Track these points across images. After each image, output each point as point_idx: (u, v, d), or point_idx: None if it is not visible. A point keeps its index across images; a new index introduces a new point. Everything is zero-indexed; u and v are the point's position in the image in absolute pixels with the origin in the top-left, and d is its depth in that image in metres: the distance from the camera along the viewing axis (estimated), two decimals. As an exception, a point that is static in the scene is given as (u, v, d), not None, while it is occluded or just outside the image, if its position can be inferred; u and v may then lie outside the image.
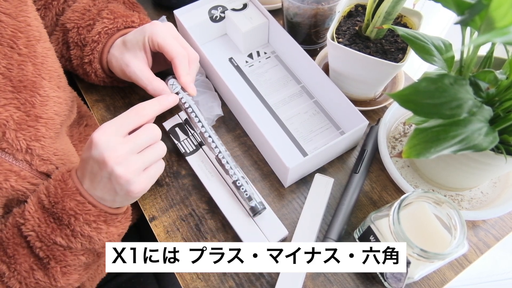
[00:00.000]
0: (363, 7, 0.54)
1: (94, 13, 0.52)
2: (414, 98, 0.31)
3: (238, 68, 0.61)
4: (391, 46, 0.50)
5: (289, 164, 0.45)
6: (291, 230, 0.48)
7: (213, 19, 0.61)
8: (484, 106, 0.33)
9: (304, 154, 0.53)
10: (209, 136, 0.48)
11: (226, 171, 0.47)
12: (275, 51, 0.63)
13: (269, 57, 0.62)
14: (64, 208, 0.38)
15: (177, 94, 0.49)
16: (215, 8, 0.61)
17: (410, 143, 0.32)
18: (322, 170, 0.52)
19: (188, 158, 0.51)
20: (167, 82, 0.50)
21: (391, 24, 0.46)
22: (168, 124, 0.54)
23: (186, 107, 0.49)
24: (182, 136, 0.52)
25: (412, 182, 0.50)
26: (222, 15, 0.61)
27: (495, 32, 0.26)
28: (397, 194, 0.50)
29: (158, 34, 0.47)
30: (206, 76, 0.57)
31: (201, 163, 0.50)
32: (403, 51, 0.49)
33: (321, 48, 0.63)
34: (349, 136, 0.49)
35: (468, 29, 0.35)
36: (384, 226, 0.40)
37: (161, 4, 0.70)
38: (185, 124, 0.53)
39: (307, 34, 0.61)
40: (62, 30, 0.53)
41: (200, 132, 0.48)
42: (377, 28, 0.48)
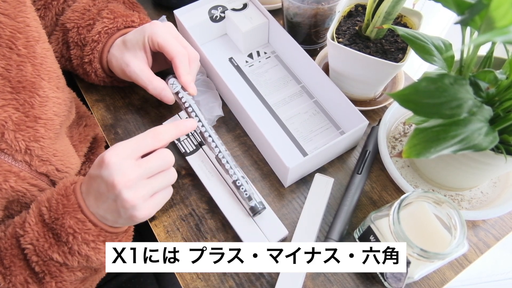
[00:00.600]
0: (363, 7, 0.54)
1: (94, 13, 0.52)
2: (414, 98, 0.31)
3: (238, 68, 0.61)
4: (391, 46, 0.50)
5: (289, 164, 0.45)
6: (291, 230, 0.48)
7: (213, 19, 0.61)
8: (484, 106, 0.33)
9: (304, 154, 0.53)
10: (209, 136, 0.48)
11: (226, 171, 0.47)
12: (275, 51, 0.63)
13: (269, 57, 0.62)
14: (64, 226, 0.38)
15: (177, 94, 0.49)
16: (215, 8, 0.61)
17: (410, 143, 0.32)
18: (322, 170, 0.52)
19: (188, 158, 0.51)
20: (168, 82, 0.50)
21: (391, 24, 0.46)
22: (168, 124, 0.53)
23: (187, 107, 0.49)
24: (182, 136, 0.52)
25: (412, 182, 0.50)
26: (222, 15, 0.61)
27: (495, 32, 0.26)
28: (397, 194, 0.50)
29: (158, 34, 0.47)
30: (207, 76, 0.57)
31: (201, 163, 0.50)
32: (403, 51, 0.49)
33: (321, 48, 0.63)
34: (349, 136, 0.49)
35: (468, 29, 0.35)
36: (384, 226, 0.40)
37: (161, 4, 0.70)
38: (185, 124, 0.53)
39: (307, 34, 0.61)
40: (62, 30, 0.53)
41: (200, 132, 0.48)
42: (377, 28, 0.48)
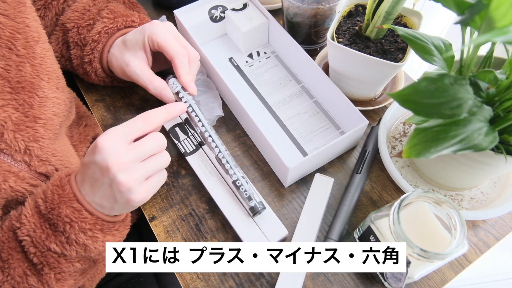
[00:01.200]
0: (363, 7, 0.54)
1: (94, 13, 0.52)
2: (414, 98, 0.31)
3: (238, 68, 0.61)
4: (391, 46, 0.50)
5: (289, 164, 0.45)
6: (291, 230, 0.48)
7: (213, 19, 0.61)
8: (484, 106, 0.33)
9: (304, 154, 0.53)
10: (209, 136, 0.48)
11: (226, 171, 0.47)
12: (275, 51, 0.63)
13: (269, 57, 0.62)
14: (60, 215, 0.38)
15: (178, 94, 0.49)
16: (215, 8, 0.61)
17: (410, 143, 0.32)
18: (322, 170, 0.52)
19: (188, 158, 0.51)
20: (168, 82, 0.50)
21: (391, 24, 0.46)
22: (168, 124, 0.54)
23: (187, 107, 0.49)
24: (182, 136, 0.52)
25: (412, 182, 0.50)
26: (222, 15, 0.61)
27: (495, 32, 0.26)
28: (397, 194, 0.50)
29: (158, 34, 0.47)
30: (207, 76, 0.57)
31: (201, 163, 0.50)
32: (403, 51, 0.49)
33: (321, 48, 0.63)
34: (349, 136, 0.49)
35: (468, 29, 0.35)
36: (384, 226, 0.40)
37: (161, 4, 0.70)
38: (185, 124, 0.53)
39: (307, 34, 0.61)
40: (62, 30, 0.53)
41: (200, 132, 0.48)
42: (377, 28, 0.48)
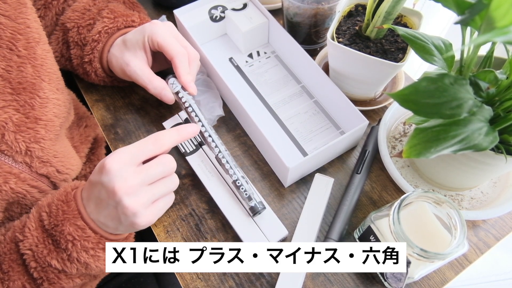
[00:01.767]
0: (363, 7, 0.54)
1: (94, 13, 0.52)
2: (414, 98, 0.31)
3: (238, 68, 0.61)
4: (391, 46, 0.50)
5: (289, 164, 0.45)
6: (291, 230, 0.48)
7: (213, 19, 0.61)
8: (484, 106, 0.33)
9: (304, 154, 0.53)
10: (209, 136, 0.48)
11: (226, 171, 0.47)
12: (275, 51, 0.63)
13: (269, 57, 0.62)
14: (63, 232, 0.37)
15: (177, 94, 0.49)
16: (215, 8, 0.61)
17: (410, 143, 0.32)
18: (322, 170, 0.52)
19: (188, 158, 0.51)
20: (168, 81, 0.50)
21: (391, 24, 0.46)
22: (168, 124, 0.54)
23: (186, 106, 0.49)
24: (182, 136, 0.52)
25: (412, 182, 0.50)
26: (222, 15, 0.61)
27: (495, 32, 0.26)
28: (397, 194, 0.50)
29: (158, 34, 0.47)
30: (208, 75, 0.57)
31: (201, 163, 0.50)
32: (403, 51, 0.49)
33: (321, 48, 0.63)
34: (349, 136, 0.49)
35: (468, 29, 0.35)
36: (384, 226, 0.40)
37: (161, 4, 0.70)
38: (185, 124, 0.53)
39: (307, 34, 0.61)
40: (62, 30, 0.53)
41: (200, 132, 0.48)
42: (377, 28, 0.48)
